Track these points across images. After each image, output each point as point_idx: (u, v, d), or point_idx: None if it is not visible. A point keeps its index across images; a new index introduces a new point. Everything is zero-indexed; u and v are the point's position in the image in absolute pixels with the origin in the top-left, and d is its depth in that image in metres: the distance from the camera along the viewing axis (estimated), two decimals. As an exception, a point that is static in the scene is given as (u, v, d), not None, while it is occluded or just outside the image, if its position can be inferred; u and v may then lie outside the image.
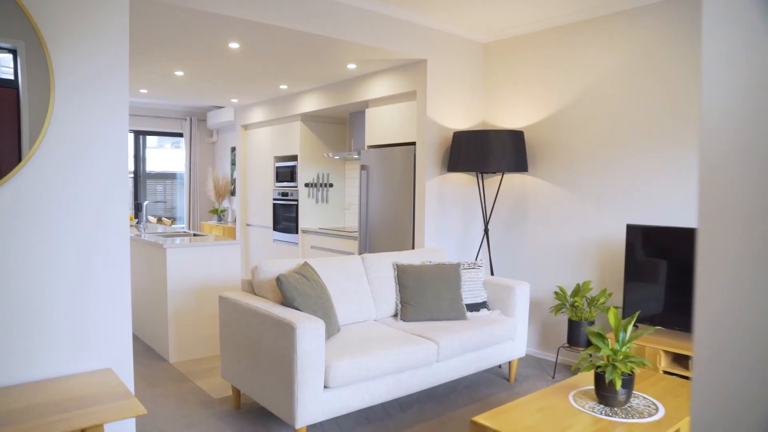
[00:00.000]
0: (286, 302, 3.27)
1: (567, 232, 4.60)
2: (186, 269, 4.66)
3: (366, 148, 5.66)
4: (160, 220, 8.25)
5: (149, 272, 4.98)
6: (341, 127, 7.12)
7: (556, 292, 4.28)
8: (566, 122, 4.58)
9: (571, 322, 4.21)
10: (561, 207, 4.64)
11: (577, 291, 4.23)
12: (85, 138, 2.75)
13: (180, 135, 9.92)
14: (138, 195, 9.70)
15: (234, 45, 4.45)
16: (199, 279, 4.74)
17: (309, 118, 6.82)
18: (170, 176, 11.63)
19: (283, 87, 6.28)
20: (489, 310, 4.22)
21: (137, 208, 9.67)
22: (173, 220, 8.65)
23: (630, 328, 2.55)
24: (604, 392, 2.49)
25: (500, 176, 5.09)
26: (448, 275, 4.11)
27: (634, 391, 2.70)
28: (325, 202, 6.93)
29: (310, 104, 6.40)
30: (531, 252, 4.88)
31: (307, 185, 6.79)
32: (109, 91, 2.82)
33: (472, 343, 3.75)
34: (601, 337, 2.56)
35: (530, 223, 4.89)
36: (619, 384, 2.41)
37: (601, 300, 4.12)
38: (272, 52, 4.71)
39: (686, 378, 3.33)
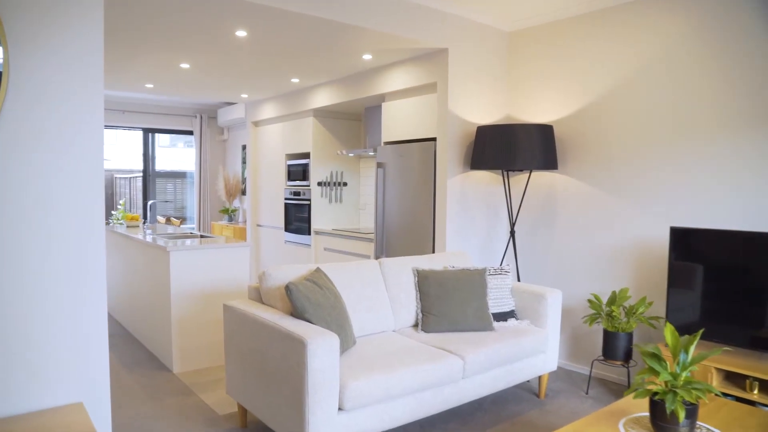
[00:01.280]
0: (297, 313, 2.95)
1: (600, 235, 4.24)
2: (191, 273, 4.36)
3: (382, 144, 5.33)
4: (168, 220, 7.98)
5: (152, 276, 4.69)
6: (355, 122, 6.80)
7: (590, 300, 3.92)
8: (600, 116, 4.22)
9: (606, 334, 3.85)
10: (593, 207, 4.28)
11: (614, 299, 3.87)
12: (47, 136, 2.41)
13: (190, 133, 9.66)
14: (147, 194, 9.45)
15: (241, 33, 4.14)
16: (204, 283, 4.44)
17: (322, 114, 6.50)
18: (180, 175, 11.39)
19: (295, 81, 5.97)
20: (517, 319, 3.87)
21: (146, 208, 9.43)
22: (182, 220, 8.39)
23: (692, 348, 2.20)
24: (662, 423, 2.14)
25: (527, 174, 4.74)
26: (472, 282, 3.77)
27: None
28: (338, 202, 6.61)
29: (323, 99, 6.08)
30: (560, 256, 4.52)
31: (320, 184, 6.48)
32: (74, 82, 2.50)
33: (500, 357, 3.41)
34: (657, 358, 2.21)
35: (559, 224, 4.53)
36: (682, 415, 2.06)
37: (641, 310, 3.76)
38: (282, 42, 4.39)
39: (749, 403, 2.97)
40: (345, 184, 6.64)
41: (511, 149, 4.23)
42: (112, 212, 11.68)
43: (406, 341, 3.42)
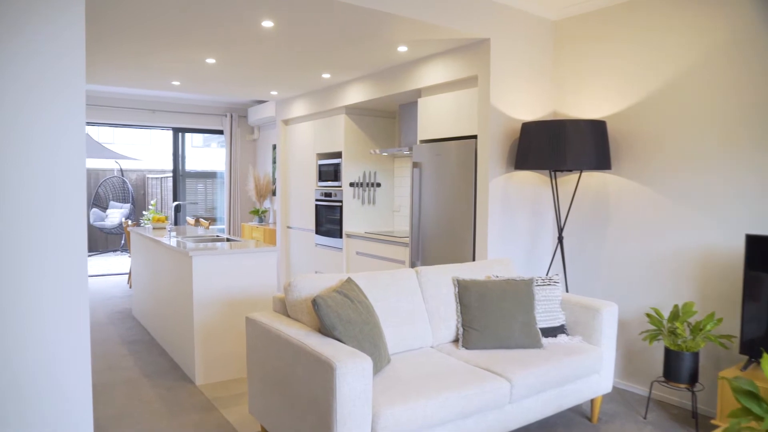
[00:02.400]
0: (325, 330, 2.65)
1: (659, 242, 3.84)
2: (214, 279, 4.11)
3: (418, 142, 5.00)
4: (198, 222, 7.80)
5: (175, 281, 4.46)
6: (389, 120, 6.48)
7: (649, 315, 3.53)
8: (659, 111, 3.81)
9: (669, 353, 3.45)
10: (651, 212, 3.88)
11: (677, 315, 3.47)
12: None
13: (220, 132, 9.48)
14: (177, 195, 9.31)
15: (267, 24, 3.86)
16: (229, 290, 4.18)
17: (354, 111, 6.21)
18: (211, 175, 11.26)
19: (326, 76, 5.68)
20: (568, 335, 3.51)
21: (176, 209, 9.29)
22: (211, 221, 8.20)
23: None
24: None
25: (577, 175, 4.35)
26: (519, 293, 3.42)
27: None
28: (371, 204, 6.31)
29: (356, 95, 5.79)
30: (612, 265, 4.13)
31: (352, 185, 6.18)
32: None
33: (551, 378, 3.05)
34: (755, 398, 1.83)
35: (611, 230, 4.14)
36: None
37: (708, 327, 3.35)
38: (311, 33, 4.10)
39: None
40: (378, 184, 6.33)
41: (561, 147, 3.86)
42: (143, 212, 11.63)
43: (446, 359, 3.09)
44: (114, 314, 6.29)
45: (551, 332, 3.49)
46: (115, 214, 11.45)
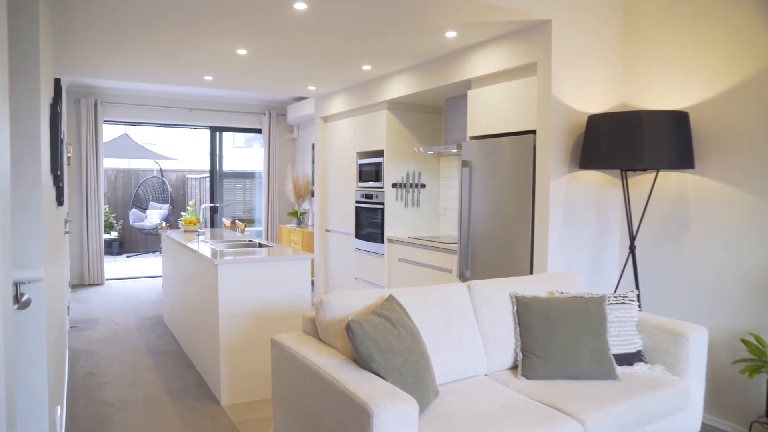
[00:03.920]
0: (361, 360, 2.22)
1: (754, 255, 3.26)
2: (242, 290, 3.73)
3: (468, 139, 4.53)
4: (233, 223, 7.49)
5: (202, 291, 4.11)
6: (435, 116, 6.01)
7: (746, 342, 2.97)
8: (756, 98, 3.24)
9: (771, 387, 2.89)
10: (744, 218, 3.31)
11: (781, 341, 2.91)
12: None
13: (258, 131, 9.18)
14: (214, 196, 9.06)
15: (300, 6, 3.45)
16: (258, 302, 3.80)
17: (397, 106, 5.76)
18: (249, 175, 11.00)
19: (366, 68, 5.26)
20: (646, 363, 2.98)
21: (212, 210, 9.04)
22: (246, 223, 7.88)
23: None
24: None
25: (651, 175, 3.81)
26: (589, 313, 2.92)
27: None
28: (415, 206, 5.85)
29: (399, 89, 5.34)
30: (693, 280, 3.57)
31: (394, 186, 5.74)
32: None
33: (631, 418, 2.54)
34: None
35: (693, 238, 3.57)
36: None
37: (822, 357, 2.78)
38: (349, 17, 3.68)
39: None
40: (423, 185, 5.87)
41: (635, 143, 3.33)
42: (182, 213, 11.46)
43: (504, 392, 2.61)
44: (145, 320, 6.02)
45: (626, 360, 2.97)
46: (155, 215, 11.32)
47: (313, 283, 7.70)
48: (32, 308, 1.93)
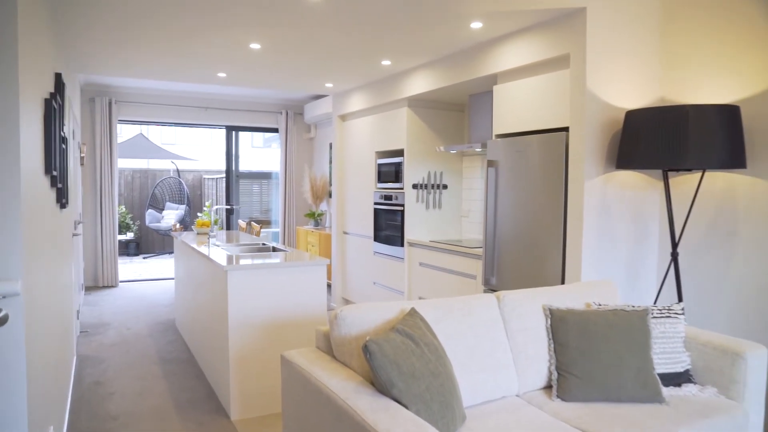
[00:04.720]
0: (379, 385, 1.97)
1: (814, 262, 2.95)
2: (253, 297, 3.51)
3: (493, 137, 4.26)
4: (249, 225, 7.29)
5: (211, 298, 3.89)
6: (458, 113, 5.74)
7: (807, 361, 2.67)
8: (816, 91, 2.93)
9: (837, 412, 2.59)
10: (803, 222, 3.00)
11: None
12: None
13: (275, 130, 8.98)
14: (230, 196, 8.88)
15: (317, -7, 3.22)
16: (270, 311, 3.57)
17: (418, 104, 5.51)
18: (266, 176, 10.81)
19: (386, 63, 5.01)
20: (695, 384, 2.69)
21: (228, 211, 8.86)
22: (263, 225, 7.68)
23: None
24: None
25: (696, 176, 3.51)
26: (631, 328, 2.64)
27: None
28: (437, 208, 5.58)
29: (420, 85, 5.09)
30: (742, 291, 3.26)
31: (415, 187, 5.48)
32: None
33: (683, 450, 2.26)
34: None
35: (742, 245, 3.27)
36: None
37: None
38: (368, 7, 3.44)
39: None
40: (445, 186, 5.61)
41: (680, 141, 3.04)
42: (198, 214, 11.29)
43: (538, 416, 2.35)
44: (156, 325, 5.83)
45: (673, 380, 2.68)
46: (171, 216, 11.19)
47: (329, 286, 7.47)
48: (10, 324, 1.72)
